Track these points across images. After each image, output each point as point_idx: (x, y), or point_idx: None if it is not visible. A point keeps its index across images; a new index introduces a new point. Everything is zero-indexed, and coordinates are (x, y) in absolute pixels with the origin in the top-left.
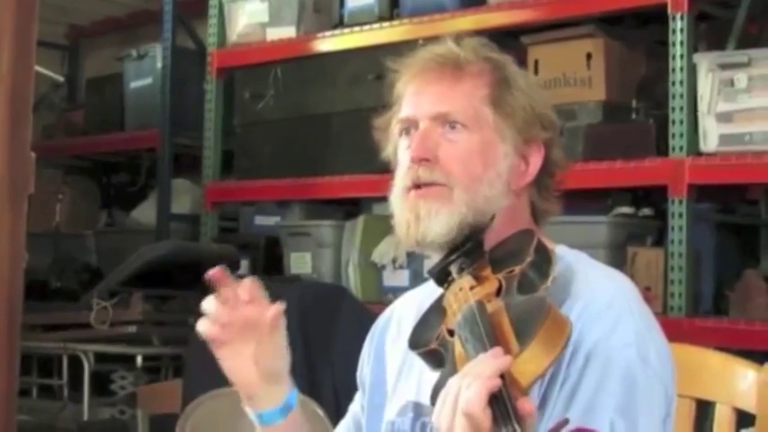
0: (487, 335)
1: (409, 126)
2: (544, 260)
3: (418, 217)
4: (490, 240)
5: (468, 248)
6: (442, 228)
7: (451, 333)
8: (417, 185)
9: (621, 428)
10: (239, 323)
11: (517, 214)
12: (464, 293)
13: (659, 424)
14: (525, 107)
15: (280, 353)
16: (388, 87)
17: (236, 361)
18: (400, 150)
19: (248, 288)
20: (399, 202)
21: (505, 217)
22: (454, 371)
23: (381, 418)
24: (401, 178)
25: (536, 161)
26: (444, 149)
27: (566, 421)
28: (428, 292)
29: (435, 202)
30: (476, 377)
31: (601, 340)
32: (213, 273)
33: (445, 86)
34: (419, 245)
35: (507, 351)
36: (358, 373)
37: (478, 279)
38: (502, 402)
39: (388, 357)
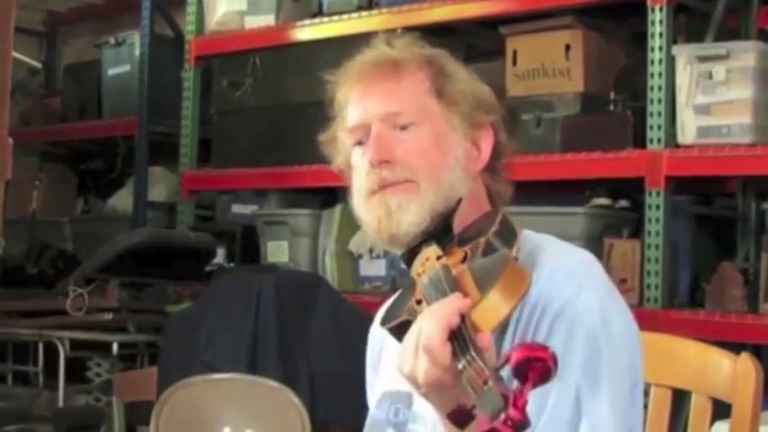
0: (451, 289)
1: (362, 134)
2: (508, 231)
3: (389, 211)
4: (457, 225)
5: (437, 232)
6: (415, 217)
7: (419, 302)
8: (384, 187)
9: (585, 391)
10: None
11: (478, 199)
12: (431, 262)
13: (626, 391)
14: (467, 93)
15: None
16: (328, 101)
17: None
18: (355, 158)
19: None
20: (365, 204)
21: (469, 201)
22: None
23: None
24: (363, 182)
25: (487, 145)
26: (400, 148)
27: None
28: None
29: (404, 195)
30: (434, 314)
31: (568, 301)
32: None
33: (388, 86)
34: (393, 238)
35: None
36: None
37: (445, 253)
38: (461, 338)
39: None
